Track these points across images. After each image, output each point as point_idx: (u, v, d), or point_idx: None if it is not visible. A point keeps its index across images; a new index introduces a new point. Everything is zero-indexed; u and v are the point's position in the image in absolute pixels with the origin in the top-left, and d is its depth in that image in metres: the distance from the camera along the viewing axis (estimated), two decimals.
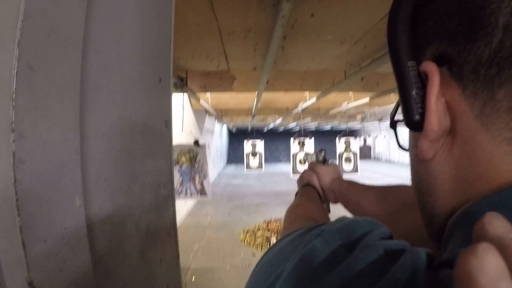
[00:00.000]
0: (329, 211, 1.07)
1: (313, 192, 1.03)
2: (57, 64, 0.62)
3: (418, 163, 0.39)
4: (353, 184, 0.98)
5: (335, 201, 1.05)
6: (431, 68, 0.33)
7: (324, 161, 1.16)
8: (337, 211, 0.80)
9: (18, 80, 0.54)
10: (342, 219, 0.35)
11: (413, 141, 0.39)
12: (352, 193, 0.94)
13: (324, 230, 0.32)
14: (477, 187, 0.32)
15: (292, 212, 0.86)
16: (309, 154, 1.26)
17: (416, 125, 0.34)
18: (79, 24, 0.70)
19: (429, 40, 0.34)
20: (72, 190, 0.65)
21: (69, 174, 0.64)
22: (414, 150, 0.38)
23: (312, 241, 0.31)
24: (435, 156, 0.35)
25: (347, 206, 0.97)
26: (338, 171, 1.10)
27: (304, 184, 1.09)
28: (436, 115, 0.33)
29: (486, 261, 0.16)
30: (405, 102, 0.35)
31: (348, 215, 0.56)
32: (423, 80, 0.34)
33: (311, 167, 1.12)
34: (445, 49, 0.32)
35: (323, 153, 1.19)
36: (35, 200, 0.55)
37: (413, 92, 0.34)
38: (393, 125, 0.49)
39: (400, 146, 0.50)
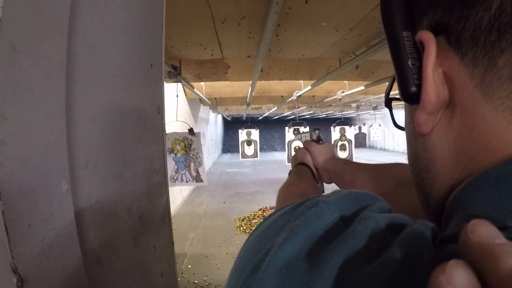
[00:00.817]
0: (323, 191, 1.06)
1: (307, 171, 1.01)
2: (41, 45, 0.60)
3: (415, 139, 0.37)
4: (347, 163, 0.96)
5: (329, 181, 1.04)
6: (427, 37, 0.31)
7: (318, 140, 1.14)
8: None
9: (1, 60, 0.52)
10: (338, 191, 0.33)
11: (410, 116, 0.37)
12: (347, 172, 0.93)
13: (318, 202, 0.30)
14: (480, 160, 0.30)
15: (285, 190, 0.84)
16: (303, 132, 1.24)
17: (412, 97, 0.33)
18: (65, 5, 0.68)
19: (425, 9, 0.33)
20: (58, 175, 0.63)
21: (54, 158, 0.62)
22: (411, 125, 0.37)
23: (305, 213, 0.29)
24: (433, 130, 0.34)
25: (341, 185, 0.95)
26: (333, 150, 1.08)
27: (298, 163, 1.07)
28: (433, 85, 0.31)
29: (455, 277, 0.16)
30: (400, 73, 0.33)
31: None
32: (419, 51, 0.33)
33: (305, 146, 1.10)
34: (442, 17, 0.31)
35: (317, 132, 1.17)
36: (19, 184, 0.54)
37: (409, 63, 0.32)
38: (388, 103, 0.47)
39: (396, 124, 0.48)
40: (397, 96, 0.43)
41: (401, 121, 0.45)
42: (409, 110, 0.37)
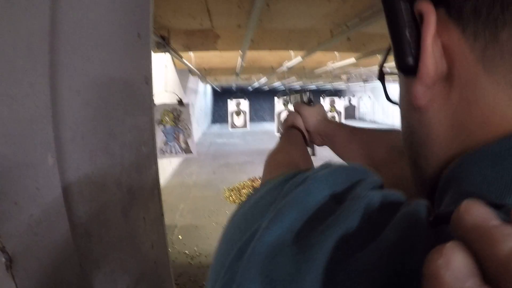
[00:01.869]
0: (314, 154, 1.04)
1: (298, 135, 0.98)
2: (23, 16, 0.58)
3: (410, 113, 0.36)
4: (340, 126, 0.94)
5: (322, 144, 1.00)
6: (426, 8, 0.30)
7: (309, 102, 1.10)
8: (325, 153, 0.76)
9: None
10: (327, 165, 0.32)
11: (405, 89, 0.36)
12: (340, 135, 0.90)
13: (307, 178, 0.29)
14: (478, 136, 0.30)
15: (272, 158, 0.78)
16: (292, 95, 1.20)
17: (409, 69, 0.32)
18: None
19: None
20: (43, 149, 0.62)
21: (39, 132, 0.61)
22: (406, 98, 0.36)
23: (293, 190, 0.28)
24: (430, 104, 0.33)
25: (334, 149, 0.92)
26: (324, 112, 1.04)
27: (289, 126, 1.03)
28: (432, 57, 0.30)
29: (453, 260, 0.15)
30: (397, 44, 0.32)
31: (335, 159, 0.53)
32: (417, 23, 0.32)
33: (296, 108, 1.06)
34: None
35: (308, 94, 1.13)
36: (2, 160, 0.52)
37: (406, 33, 0.32)
38: (381, 76, 0.46)
39: (388, 98, 0.47)
40: (391, 70, 0.42)
41: (394, 96, 0.44)
42: (404, 83, 0.36)
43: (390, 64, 0.39)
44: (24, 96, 0.57)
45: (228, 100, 8.69)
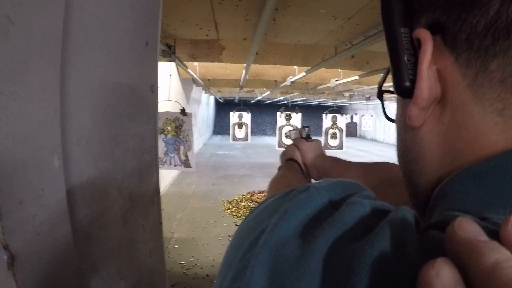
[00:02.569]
0: None
1: (296, 167, 1.05)
2: (38, 17, 0.59)
3: (405, 132, 0.38)
4: (335, 161, 1.00)
5: (318, 178, 1.07)
6: (424, 35, 0.32)
7: (308, 138, 1.18)
8: None
9: None
10: (327, 180, 0.35)
11: (401, 109, 0.38)
12: (335, 170, 0.96)
13: (309, 187, 0.32)
14: (465, 156, 0.32)
15: (275, 182, 0.88)
16: (292, 130, 1.29)
17: (406, 92, 0.34)
18: None
19: (424, 8, 0.34)
20: (50, 150, 0.62)
21: (47, 133, 0.61)
22: (402, 118, 0.38)
23: (297, 196, 0.31)
24: (423, 124, 0.35)
25: None
26: (321, 147, 1.13)
27: (287, 159, 1.10)
28: (427, 82, 0.33)
29: (442, 271, 0.18)
30: (396, 67, 0.34)
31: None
32: (415, 48, 0.34)
33: (295, 143, 1.14)
34: (440, 17, 0.32)
35: (306, 130, 1.22)
36: (10, 159, 0.53)
37: (405, 58, 0.34)
38: (380, 94, 0.48)
39: (386, 116, 0.50)
40: (390, 89, 0.44)
41: (392, 114, 0.46)
42: (401, 104, 0.39)
43: (389, 84, 0.41)
44: (35, 98, 0.58)
45: (231, 113, 8.72)
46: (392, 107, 0.42)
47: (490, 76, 0.29)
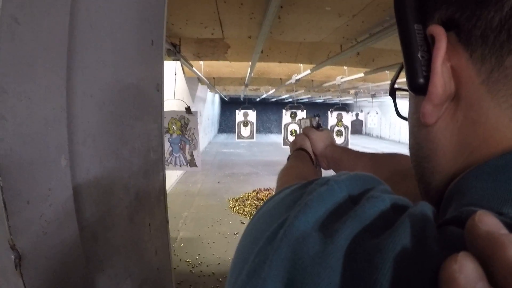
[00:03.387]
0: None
1: (306, 157, 1.03)
2: (44, 18, 0.59)
3: (418, 129, 0.38)
4: (346, 151, 0.99)
5: (328, 167, 1.05)
6: (438, 31, 0.32)
7: (318, 127, 1.15)
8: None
9: (2, 32, 0.51)
10: (346, 172, 0.34)
11: (414, 106, 0.38)
12: (345, 160, 0.95)
13: (329, 180, 0.31)
14: (480, 153, 0.32)
15: (285, 172, 0.86)
16: (302, 119, 1.25)
17: (420, 89, 0.34)
18: None
19: (437, 4, 0.33)
20: (57, 150, 0.63)
21: (54, 133, 0.62)
22: (415, 115, 0.38)
23: (317, 189, 0.30)
24: (437, 122, 0.35)
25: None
26: (332, 137, 1.10)
27: (297, 148, 1.08)
28: (441, 78, 0.32)
29: (465, 265, 0.18)
30: (409, 64, 0.34)
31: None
32: (429, 44, 0.34)
33: (305, 132, 1.12)
34: (454, 13, 0.32)
35: (317, 119, 1.18)
36: (17, 159, 0.53)
37: (419, 54, 0.33)
38: (393, 92, 0.48)
39: (398, 114, 0.49)
40: (402, 86, 0.44)
41: (403, 111, 0.46)
42: (414, 101, 0.38)
43: (401, 80, 0.41)
44: (42, 97, 0.58)
45: (236, 111, 8.72)
46: (401, 105, 0.41)
47: (505, 72, 0.29)
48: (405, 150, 0.54)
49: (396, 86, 0.48)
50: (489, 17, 0.29)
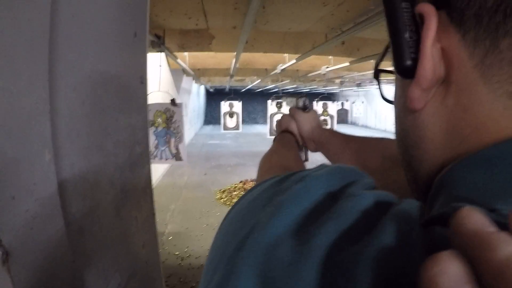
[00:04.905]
0: (307, 159, 1.04)
1: (291, 139, 0.98)
2: (24, 9, 0.58)
3: (405, 115, 0.36)
4: (334, 134, 0.95)
5: (315, 150, 1.00)
6: (427, 10, 0.29)
7: (305, 108, 1.08)
8: (318, 158, 0.78)
9: None
10: (324, 166, 0.32)
11: (401, 90, 0.36)
12: (333, 143, 0.91)
13: (305, 176, 0.29)
14: (471, 142, 0.30)
15: (267, 160, 0.81)
16: (288, 98, 1.20)
17: (407, 71, 0.31)
18: None
19: None
20: (40, 144, 0.62)
21: (37, 127, 0.61)
22: (402, 100, 0.35)
23: (292, 187, 0.28)
24: (425, 107, 0.32)
25: (327, 156, 0.93)
26: (318, 119, 1.04)
27: (283, 130, 1.03)
28: (431, 61, 0.30)
29: (449, 268, 0.16)
30: (396, 45, 0.31)
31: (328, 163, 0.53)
32: (417, 24, 0.31)
33: (291, 113, 1.05)
34: None
35: (303, 99, 1.10)
36: (0, 154, 0.52)
37: (406, 35, 0.31)
38: (377, 74, 0.46)
39: (383, 97, 0.47)
40: (388, 68, 0.41)
41: (389, 96, 0.43)
42: (400, 84, 0.36)
43: (386, 64, 0.39)
44: (24, 91, 0.57)
45: (222, 102, 8.68)
46: (386, 90, 0.39)
47: (500, 56, 0.27)
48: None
49: (381, 68, 0.46)
50: None
